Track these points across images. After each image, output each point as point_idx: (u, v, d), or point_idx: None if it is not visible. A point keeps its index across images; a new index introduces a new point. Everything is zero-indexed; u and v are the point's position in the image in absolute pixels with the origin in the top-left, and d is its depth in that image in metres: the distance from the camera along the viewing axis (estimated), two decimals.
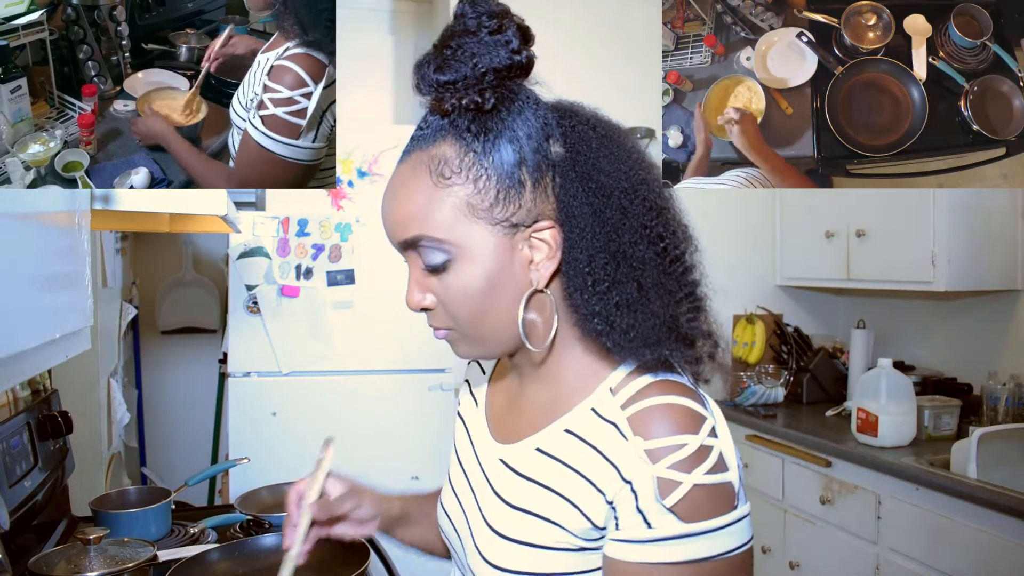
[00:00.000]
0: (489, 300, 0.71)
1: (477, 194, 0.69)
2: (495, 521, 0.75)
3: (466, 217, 0.69)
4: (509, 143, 0.69)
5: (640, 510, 0.65)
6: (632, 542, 0.65)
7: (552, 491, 0.71)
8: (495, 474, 0.79)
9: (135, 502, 1.61)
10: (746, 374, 3.06)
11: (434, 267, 0.71)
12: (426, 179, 0.70)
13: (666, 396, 0.67)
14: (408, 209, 0.71)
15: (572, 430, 0.72)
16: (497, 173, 0.69)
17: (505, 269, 0.71)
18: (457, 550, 0.84)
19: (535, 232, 0.71)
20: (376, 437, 2.66)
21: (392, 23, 3.39)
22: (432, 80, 0.68)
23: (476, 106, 0.68)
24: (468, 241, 0.70)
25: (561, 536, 0.69)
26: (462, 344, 0.76)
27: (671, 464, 0.64)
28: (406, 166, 0.73)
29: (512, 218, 0.70)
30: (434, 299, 0.74)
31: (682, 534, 0.64)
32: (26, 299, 0.94)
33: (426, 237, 0.70)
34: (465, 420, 0.91)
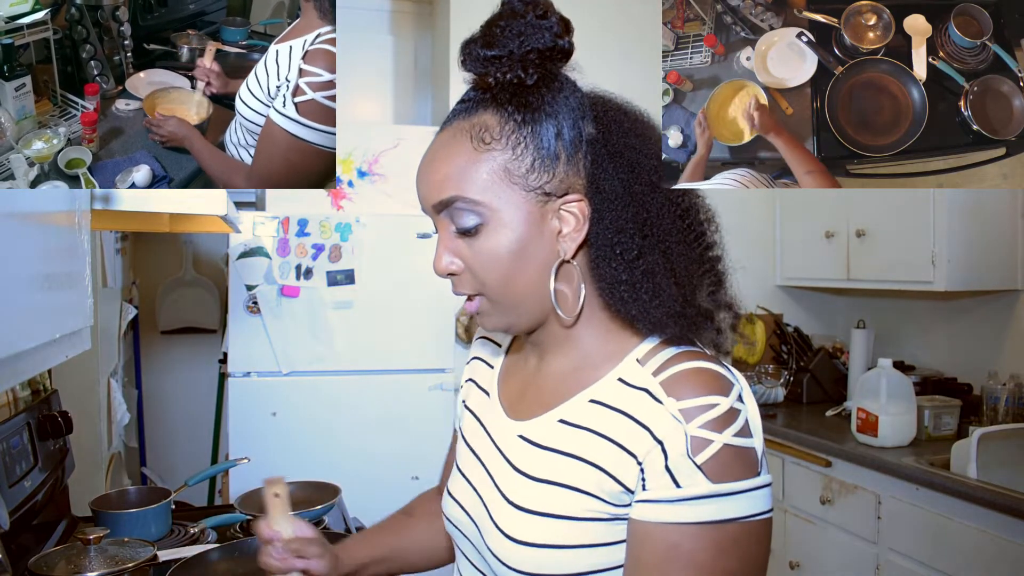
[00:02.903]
0: (518, 266, 0.73)
1: (515, 160, 0.72)
2: (517, 497, 0.75)
3: (502, 181, 0.72)
4: (547, 117, 0.73)
5: (669, 468, 0.66)
6: (660, 502, 0.66)
7: (579, 459, 0.72)
8: (515, 451, 0.79)
9: (135, 502, 1.61)
10: (746, 374, 3.06)
11: (466, 230, 0.73)
12: (466, 143, 0.73)
13: (697, 361, 0.70)
14: (446, 170, 0.74)
15: (599, 400, 0.73)
16: (535, 143, 0.72)
17: (535, 237, 0.73)
18: (472, 538, 0.82)
19: (565, 204, 0.74)
20: (376, 437, 2.66)
21: (392, 23, 3.39)
22: (479, 55, 0.71)
23: (519, 80, 0.72)
24: (501, 205, 0.72)
25: (590, 504, 0.70)
26: (491, 314, 0.77)
27: (703, 423, 0.66)
28: (446, 133, 0.76)
29: (546, 187, 0.73)
30: (461, 265, 0.75)
31: (710, 494, 0.65)
32: (26, 299, 0.94)
33: (462, 198, 0.73)
34: (473, 409, 0.91)
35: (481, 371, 0.94)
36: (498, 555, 0.74)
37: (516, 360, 0.89)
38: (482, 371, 0.94)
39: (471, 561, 0.83)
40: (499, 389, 0.88)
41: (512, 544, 0.73)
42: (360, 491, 1.96)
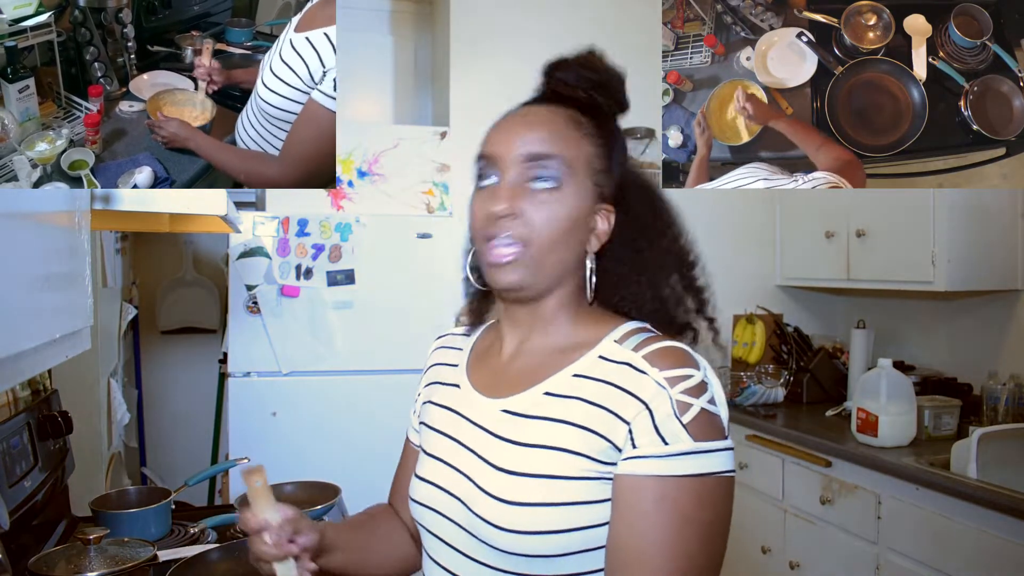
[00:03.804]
0: (564, 235, 0.83)
1: (596, 156, 0.86)
2: (506, 463, 0.81)
3: (584, 166, 0.85)
4: (617, 140, 0.90)
5: (657, 428, 0.75)
6: (648, 457, 0.75)
7: (567, 423, 0.79)
8: (499, 424, 0.84)
9: (135, 502, 1.61)
10: (746, 374, 3.06)
11: (547, 186, 0.83)
12: (566, 122, 0.86)
13: (670, 341, 0.81)
14: (549, 132, 0.84)
15: (582, 374, 0.82)
16: (610, 152, 0.88)
17: (583, 221, 0.85)
18: (452, 514, 0.84)
19: (605, 208, 0.87)
20: (376, 437, 2.66)
21: (392, 23, 3.39)
22: (580, 74, 0.88)
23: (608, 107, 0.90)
24: (577, 183, 0.84)
25: (580, 464, 0.77)
26: (520, 265, 0.83)
27: (684, 390, 0.76)
28: (541, 108, 0.87)
29: (604, 189, 0.87)
30: (518, 211, 0.83)
31: (692, 450, 0.74)
32: (26, 299, 0.94)
33: (561, 158, 0.83)
34: (441, 403, 0.95)
35: (444, 372, 0.99)
36: (489, 520, 0.79)
37: (485, 352, 0.95)
38: (445, 372, 0.99)
39: (450, 544, 0.85)
40: (470, 379, 0.93)
41: (505, 506, 0.78)
42: (360, 491, 1.96)
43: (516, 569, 0.79)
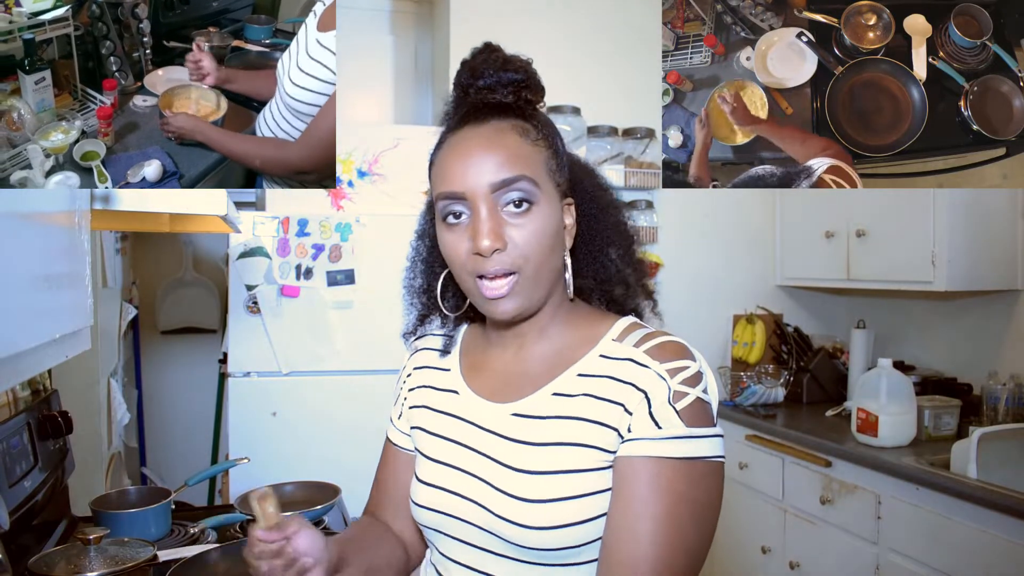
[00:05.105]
0: (550, 247, 0.85)
1: (552, 158, 0.87)
2: (524, 463, 0.83)
3: (546, 173, 0.85)
4: (555, 131, 0.90)
5: (652, 414, 0.79)
6: (645, 439, 0.79)
7: (579, 419, 0.82)
8: (511, 427, 0.86)
9: (135, 502, 1.61)
10: (746, 374, 3.06)
11: (523, 208, 0.83)
12: (517, 137, 0.85)
13: (667, 336, 0.85)
14: (509, 154, 0.83)
15: (586, 373, 0.85)
16: (558, 150, 0.88)
17: (559, 225, 0.87)
18: (470, 517, 0.85)
19: (567, 203, 0.89)
20: (376, 437, 2.66)
21: (392, 23, 3.39)
22: (500, 77, 0.85)
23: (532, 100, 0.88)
24: (547, 192, 0.85)
25: (596, 456, 0.81)
26: (518, 294, 0.84)
27: (682, 380, 0.80)
28: (488, 128, 0.85)
29: (563, 186, 0.88)
30: (506, 242, 0.83)
31: (683, 435, 0.79)
32: (26, 299, 0.94)
33: (527, 178, 0.83)
34: (440, 408, 0.95)
35: (435, 377, 0.99)
36: (512, 519, 0.81)
37: (481, 358, 0.96)
38: (435, 376, 0.99)
39: (469, 543, 0.86)
40: (469, 386, 0.94)
41: (527, 504, 0.81)
42: (360, 491, 1.95)
43: (540, 560, 0.82)
